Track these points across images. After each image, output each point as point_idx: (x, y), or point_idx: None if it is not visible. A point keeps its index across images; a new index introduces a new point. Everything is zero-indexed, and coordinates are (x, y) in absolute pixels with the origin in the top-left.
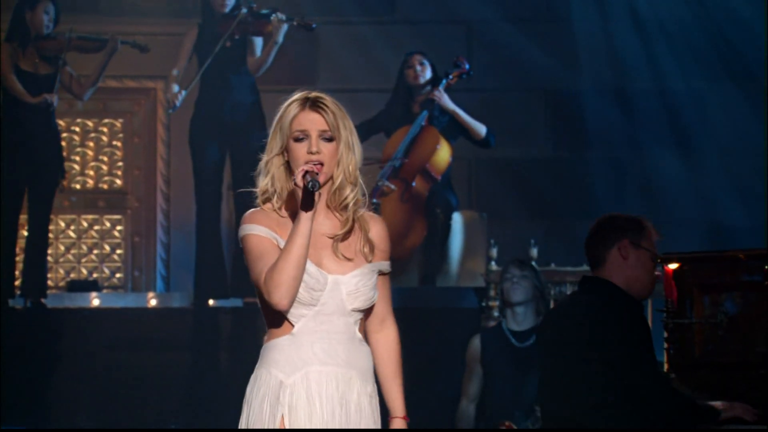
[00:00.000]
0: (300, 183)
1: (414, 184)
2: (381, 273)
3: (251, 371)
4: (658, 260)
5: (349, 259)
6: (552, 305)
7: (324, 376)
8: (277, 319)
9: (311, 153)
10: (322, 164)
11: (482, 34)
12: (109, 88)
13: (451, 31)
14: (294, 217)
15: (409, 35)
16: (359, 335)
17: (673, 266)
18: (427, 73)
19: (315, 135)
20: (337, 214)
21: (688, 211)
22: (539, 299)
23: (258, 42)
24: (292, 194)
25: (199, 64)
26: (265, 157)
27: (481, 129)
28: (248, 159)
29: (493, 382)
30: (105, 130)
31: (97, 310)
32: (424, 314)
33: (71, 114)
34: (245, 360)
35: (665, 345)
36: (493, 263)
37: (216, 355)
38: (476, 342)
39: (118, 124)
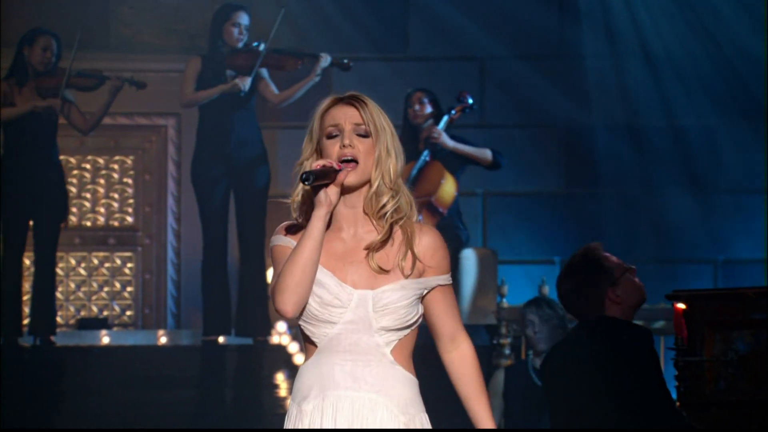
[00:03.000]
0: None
1: (420, 218)
2: (438, 286)
3: (259, 408)
4: (631, 268)
5: (384, 271)
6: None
7: (342, 400)
8: (308, 341)
9: (344, 147)
10: (356, 162)
11: (494, 71)
12: (120, 125)
13: (463, 68)
14: (329, 225)
15: (421, 72)
16: (391, 358)
17: (682, 305)
18: (427, 111)
19: (348, 128)
20: (377, 226)
21: (699, 248)
22: (562, 334)
23: (265, 74)
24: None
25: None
26: (296, 166)
27: (486, 154)
28: (252, 195)
29: (512, 419)
30: (116, 167)
31: (107, 347)
32: (435, 351)
33: (82, 151)
34: (253, 397)
35: (676, 383)
36: (504, 300)
37: (223, 392)
38: (500, 377)
39: (129, 161)
